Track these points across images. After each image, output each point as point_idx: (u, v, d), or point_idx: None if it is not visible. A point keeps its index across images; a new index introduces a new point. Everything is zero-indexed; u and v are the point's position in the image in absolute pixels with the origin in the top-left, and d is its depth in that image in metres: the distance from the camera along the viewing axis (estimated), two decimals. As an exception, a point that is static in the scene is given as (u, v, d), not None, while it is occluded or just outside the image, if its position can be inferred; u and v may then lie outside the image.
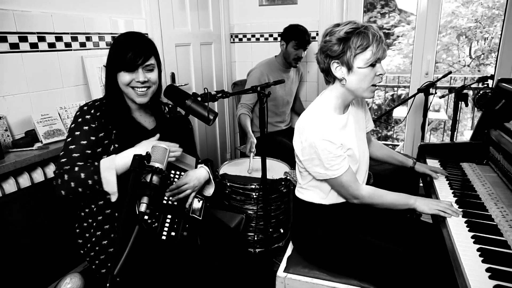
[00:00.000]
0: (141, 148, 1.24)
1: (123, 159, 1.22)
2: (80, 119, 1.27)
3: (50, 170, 1.58)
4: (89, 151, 1.25)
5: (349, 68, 1.23)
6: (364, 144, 1.46)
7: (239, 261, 1.41)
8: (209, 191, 1.49)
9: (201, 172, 1.42)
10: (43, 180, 1.54)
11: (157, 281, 1.26)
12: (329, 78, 1.32)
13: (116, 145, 1.30)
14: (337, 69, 1.26)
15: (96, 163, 1.20)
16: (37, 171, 1.53)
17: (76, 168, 1.20)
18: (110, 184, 1.19)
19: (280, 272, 1.40)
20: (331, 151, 1.24)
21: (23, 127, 1.64)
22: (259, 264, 2.02)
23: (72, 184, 1.18)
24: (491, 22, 6.09)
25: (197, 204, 1.39)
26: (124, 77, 1.28)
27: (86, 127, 1.26)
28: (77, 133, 1.25)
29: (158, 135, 1.34)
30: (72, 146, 1.24)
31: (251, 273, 1.48)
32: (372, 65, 1.22)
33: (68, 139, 1.26)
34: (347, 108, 1.38)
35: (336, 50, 1.22)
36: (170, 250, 1.29)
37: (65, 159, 1.22)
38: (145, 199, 0.98)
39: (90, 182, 1.18)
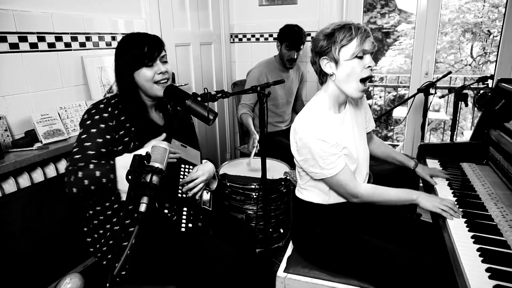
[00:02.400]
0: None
1: None
2: (97, 116, 1.25)
3: (50, 170, 1.59)
4: (103, 150, 1.23)
5: (336, 62, 1.25)
6: (364, 143, 1.45)
7: (245, 251, 1.44)
8: (213, 185, 1.54)
9: (210, 166, 1.48)
10: (43, 180, 1.54)
11: (169, 272, 1.30)
12: (323, 77, 1.33)
13: (137, 143, 1.31)
14: (327, 65, 1.28)
15: (111, 162, 1.20)
16: (37, 171, 1.53)
17: (91, 166, 1.18)
18: (124, 182, 1.19)
19: (280, 272, 1.40)
20: (325, 150, 1.24)
21: (23, 127, 1.64)
22: (259, 264, 2.02)
23: (86, 181, 1.17)
24: (496, 19, 6.09)
25: (206, 196, 1.45)
26: (146, 73, 1.30)
27: (103, 125, 1.24)
28: (93, 130, 1.23)
29: (164, 134, 1.37)
30: (88, 144, 1.21)
31: (251, 273, 1.49)
32: (360, 57, 1.24)
33: (83, 136, 1.23)
34: (343, 107, 1.38)
35: (323, 46, 1.25)
36: (187, 241, 1.32)
37: (79, 156, 1.20)
38: (145, 199, 0.98)
39: (104, 180, 1.18)
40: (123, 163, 1.20)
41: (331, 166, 1.26)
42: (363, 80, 1.26)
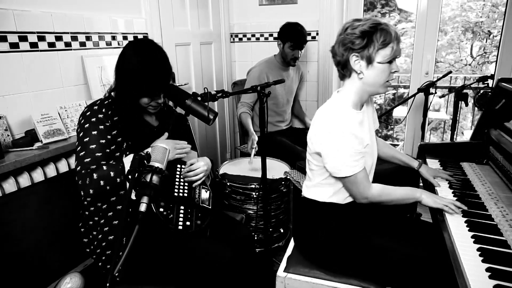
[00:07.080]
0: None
1: None
2: (93, 118, 1.28)
3: (51, 169, 1.58)
4: (108, 150, 1.27)
5: (369, 62, 1.24)
6: (375, 141, 1.47)
7: (243, 253, 1.43)
8: (207, 182, 1.55)
9: (207, 159, 1.50)
10: (43, 180, 1.54)
11: (167, 272, 1.30)
12: (345, 71, 1.31)
13: (130, 143, 1.33)
14: (356, 63, 1.26)
15: (121, 163, 1.24)
16: (37, 170, 1.53)
17: (105, 167, 1.22)
18: None
19: (280, 272, 1.40)
20: (353, 146, 1.23)
21: (23, 126, 1.63)
22: (259, 264, 2.02)
23: (102, 182, 1.20)
24: (496, 19, 6.08)
25: (205, 194, 1.45)
26: (143, 100, 1.33)
27: (102, 126, 1.27)
28: (94, 132, 1.26)
29: (166, 134, 1.39)
30: (93, 146, 1.25)
31: (251, 272, 1.48)
32: (390, 61, 1.25)
33: (86, 139, 1.26)
34: (362, 105, 1.39)
35: (359, 43, 1.23)
36: (183, 240, 1.33)
37: (89, 159, 1.23)
38: (145, 199, 0.98)
39: (119, 180, 1.22)
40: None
41: (354, 164, 1.25)
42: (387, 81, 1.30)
